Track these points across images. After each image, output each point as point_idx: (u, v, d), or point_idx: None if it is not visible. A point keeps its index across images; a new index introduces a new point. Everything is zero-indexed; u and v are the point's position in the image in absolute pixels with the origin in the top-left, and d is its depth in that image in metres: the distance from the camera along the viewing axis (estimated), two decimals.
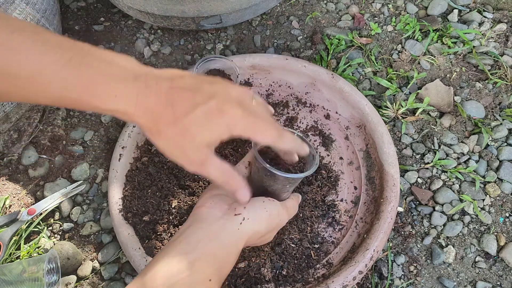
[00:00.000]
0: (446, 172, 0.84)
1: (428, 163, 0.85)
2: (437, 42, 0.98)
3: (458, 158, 0.86)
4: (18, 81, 0.37)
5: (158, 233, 0.72)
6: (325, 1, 1.04)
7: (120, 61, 0.40)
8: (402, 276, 0.76)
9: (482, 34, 0.98)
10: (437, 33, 0.98)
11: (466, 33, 0.97)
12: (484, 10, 1.01)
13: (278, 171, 0.48)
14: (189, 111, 0.40)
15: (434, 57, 0.95)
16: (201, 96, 0.41)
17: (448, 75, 0.94)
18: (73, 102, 0.39)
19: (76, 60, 0.38)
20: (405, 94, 0.91)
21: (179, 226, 0.72)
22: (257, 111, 0.44)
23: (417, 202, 0.82)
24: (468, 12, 1.01)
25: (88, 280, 0.75)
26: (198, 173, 0.44)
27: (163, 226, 0.72)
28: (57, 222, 0.80)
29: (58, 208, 0.81)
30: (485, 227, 0.80)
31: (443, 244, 0.79)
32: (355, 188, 0.79)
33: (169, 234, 0.72)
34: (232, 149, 0.79)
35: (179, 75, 0.43)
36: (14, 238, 0.75)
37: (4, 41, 0.36)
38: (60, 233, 0.79)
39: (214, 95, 0.41)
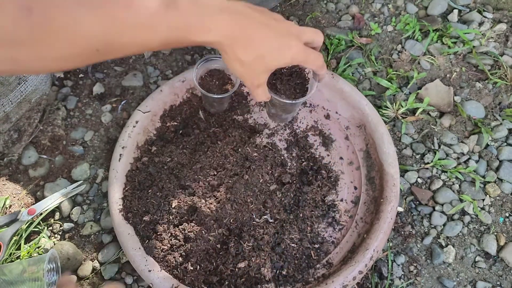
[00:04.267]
0: (446, 172, 0.84)
1: (428, 163, 0.85)
2: (437, 42, 0.98)
3: (458, 158, 0.86)
4: (135, 31, 0.44)
5: (158, 233, 0.72)
6: (325, 1, 1.04)
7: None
8: (402, 276, 0.76)
9: (482, 34, 0.98)
10: (437, 33, 0.98)
11: (466, 33, 0.97)
12: (484, 10, 1.01)
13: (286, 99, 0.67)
14: (265, 42, 0.52)
15: (434, 57, 0.95)
16: (274, 32, 0.52)
17: (448, 75, 0.94)
18: (177, 40, 0.48)
19: (172, 6, 0.46)
20: (405, 94, 0.91)
21: (179, 226, 0.72)
22: (308, 40, 0.56)
23: (417, 202, 0.82)
24: (468, 12, 1.01)
25: (88, 280, 0.75)
26: (251, 90, 0.58)
27: (163, 226, 0.72)
28: (57, 222, 0.80)
29: (58, 208, 0.81)
30: (485, 227, 0.80)
31: (443, 244, 0.79)
32: (355, 188, 0.79)
33: (169, 234, 0.72)
34: (232, 149, 0.79)
35: (254, 9, 0.53)
36: (14, 238, 0.75)
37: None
38: (60, 233, 0.79)
39: (285, 33, 0.53)
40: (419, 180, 0.84)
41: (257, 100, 0.61)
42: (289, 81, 0.68)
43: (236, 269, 0.70)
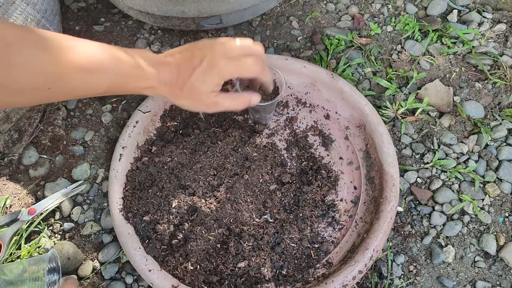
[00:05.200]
0: (446, 172, 0.84)
1: (427, 163, 0.85)
2: (436, 42, 0.98)
3: (458, 158, 0.86)
4: (84, 74, 0.50)
5: (159, 233, 0.72)
6: (325, 2, 1.04)
7: (143, 53, 0.56)
8: (402, 276, 0.76)
9: (482, 34, 0.98)
10: (437, 33, 0.98)
11: (465, 33, 0.97)
12: (483, 10, 1.01)
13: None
14: (190, 74, 0.55)
15: (434, 57, 0.96)
16: (196, 61, 0.55)
17: (447, 75, 0.94)
18: (121, 87, 0.54)
19: (116, 57, 0.52)
20: (404, 94, 0.91)
21: (179, 226, 0.72)
22: (239, 55, 0.56)
23: (417, 202, 0.82)
24: (467, 13, 1.01)
25: (88, 280, 0.76)
26: (218, 111, 0.59)
27: (164, 226, 0.72)
28: (57, 222, 0.80)
29: (58, 208, 0.81)
30: (484, 226, 0.80)
31: (443, 243, 0.79)
32: (355, 188, 0.79)
33: (170, 234, 0.72)
34: (232, 149, 0.79)
35: (177, 52, 0.57)
36: (14, 238, 0.75)
37: (69, 46, 0.49)
38: (60, 233, 0.79)
39: (204, 56, 0.55)
40: (419, 180, 0.84)
41: (233, 107, 0.61)
42: (261, 87, 0.74)
43: (236, 269, 0.70)
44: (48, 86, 0.48)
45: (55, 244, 0.77)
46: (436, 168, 0.85)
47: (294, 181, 0.78)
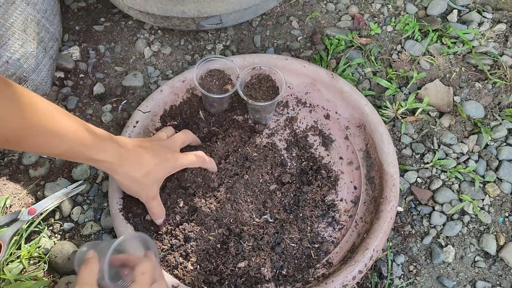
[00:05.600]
0: (446, 172, 0.84)
1: (427, 163, 0.85)
2: (436, 42, 0.98)
3: (458, 158, 0.86)
4: (44, 134, 0.54)
5: (159, 233, 0.72)
6: (325, 2, 1.04)
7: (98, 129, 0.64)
8: (402, 276, 0.76)
9: (482, 34, 0.98)
10: (437, 33, 0.98)
11: (465, 33, 0.97)
12: (483, 10, 1.01)
13: None
14: (149, 162, 0.66)
15: (434, 57, 0.96)
16: (155, 153, 0.67)
17: (447, 75, 0.94)
18: (78, 154, 0.59)
19: (79, 126, 0.58)
20: (404, 94, 0.91)
21: (179, 226, 0.72)
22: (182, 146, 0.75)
23: (417, 202, 0.82)
24: (467, 12, 1.01)
25: None
26: (147, 204, 0.69)
27: (164, 226, 0.72)
28: (57, 222, 0.80)
29: (58, 208, 0.81)
30: (484, 226, 0.80)
31: (443, 243, 0.79)
32: (355, 188, 0.79)
33: (170, 234, 0.72)
34: (232, 149, 0.79)
35: (144, 140, 0.70)
36: (14, 238, 0.75)
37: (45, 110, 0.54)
38: (60, 233, 0.79)
39: (162, 151, 0.68)
40: (419, 180, 0.84)
41: (154, 216, 0.70)
42: (261, 87, 0.78)
43: (236, 269, 0.70)
44: (6, 138, 0.51)
45: (55, 244, 0.77)
46: (436, 168, 0.85)
47: (294, 181, 0.78)
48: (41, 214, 0.79)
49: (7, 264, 0.74)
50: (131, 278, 0.53)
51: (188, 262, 0.70)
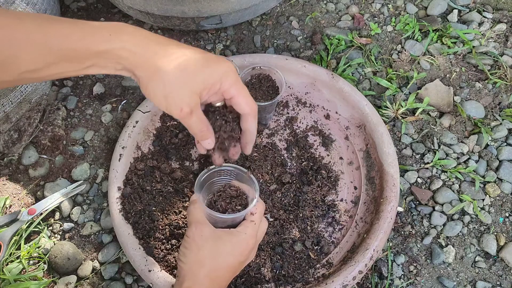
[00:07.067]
0: (446, 172, 0.84)
1: (428, 163, 0.85)
2: (436, 42, 0.98)
3: (458, 158, 0.86)
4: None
5: (158, 233, 0.72)
6: (325, 1, 1.04)
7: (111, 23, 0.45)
8: (402, 276, 0.76)
9: (482, 34, 0.98)
10: (437, 33, 0.98)
11: (465, 33, 0.97)
12: (483, 10, 1.01)
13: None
14: (192, 55, 0.44)
15: (434, 57, 0.96)
16: (199, 50, 0.47)
17: (448, 75, 0.94)
18: (72, 54, 0.43)
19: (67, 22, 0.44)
20: (405, 94, 0.91)
21: (180, 227, 0.72)
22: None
23: (417, 202, 0.82)
24: (467, 12, 1.01)
25: (88, 280, 0.75)
26: (182, 120, 0.48)
27: (163, 226, 0.72)
28: (57, 222, 0.80)
29: (58, 208, 0.81)
30: (485, 227, 0.80)
31: (443, 244, 0.79)
32: (355, 188, 0.79)
33: (169, 234, 0.72)
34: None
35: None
36: (14, 238, 0.75)
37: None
38: (60, 233, 0.79)
39: (213, 55, 0.47)
40: (419, 180, 0.84)
41: (197, 136, 0.51)
42: (261, 87, 0.77)
43: None
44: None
45: (55, 244, 0.77)
46: (437, 168, 0.84)
47: (294, 181, 0.78)
48: (41, 214, 0.79)
49: (6, 264, 0.74)
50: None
51: None
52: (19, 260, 0.75)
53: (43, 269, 0.75)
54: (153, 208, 0.74)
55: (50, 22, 0.42)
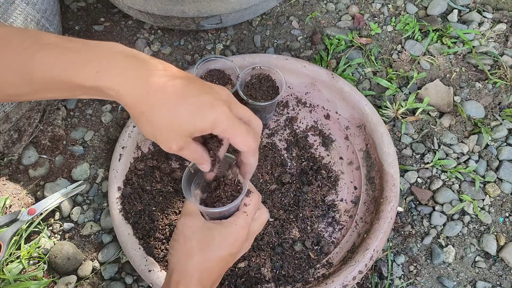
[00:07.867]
0: (446, 172, 0.84)
1: (428, 163, 0.85)
2: (436, 42, 0.98)
3: (458, 158, 0.86)
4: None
5: (158, 233, 0.72)
6: (325, 1, 1.04)
7: (106, 44, 0.41)
8: (402, 276, 0.76)
9: (482, 34, 0.98)
10: (437, 33, 0.98)
11: (465, 33, 0.97)
12: (483, 10, 1.01)
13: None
14: (182, 98, 0.41)
15: (434, 57, 0.96)
16: (195, 88, 0.43)
17: (448, 75, 0.94)
18: (56, 85, 0.41)
19: (58, 44, 0.40)
20: (405, 94, 0.91)
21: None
22: (241, 115, 0.46)
23: (417, 202, 0.82)
24: (467, 12, 1.01)
25: (88, 280, 0.75)
26: (173, 153, 0.46)
27: (163, 226, 0.72)
28: (57, 222, 0.80)
29: (58, 208, 0.81)
30: (485, 227, 0.80)
31: (443, 244, 0.79)
32: (355, 188, 0.79)
33: (169, 234, 0.72)
34: (231, 149, 0.79)
35: (173, 67, 0.45)
36: (14, 238, 0.75)
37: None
38: (60, 233, 0.79)
39: (208, 91, 0.44)
40: (419, 180, 0.84)
41: (195, 161, 0.49)
42: (261, 87, 0.77)
43: (236, 269, 0.70)
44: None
45: (54, 244, 0.77)
46: (437, 168, 0.84)
47: (294, 181, 0.78)
48: (41, 214, 0.79)
49: (7, 264, 0.74)
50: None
51: None
52: (19, 260, 0.75)
53: (43, 269, 0.75)
54: (153, 208, 0.74)
55: (37, 46, 0.40)
